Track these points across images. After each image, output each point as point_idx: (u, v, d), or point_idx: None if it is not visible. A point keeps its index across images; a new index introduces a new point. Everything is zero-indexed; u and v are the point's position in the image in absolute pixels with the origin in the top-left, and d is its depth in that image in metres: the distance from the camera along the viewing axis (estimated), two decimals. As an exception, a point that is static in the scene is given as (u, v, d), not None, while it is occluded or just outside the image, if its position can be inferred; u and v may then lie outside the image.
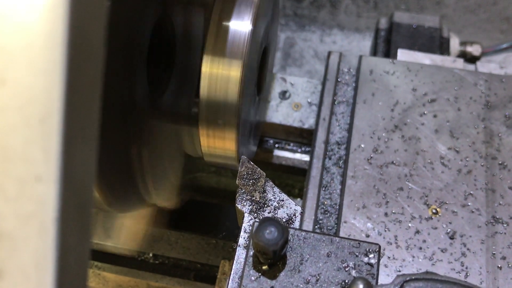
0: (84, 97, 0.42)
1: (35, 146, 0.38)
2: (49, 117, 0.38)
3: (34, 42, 0.38)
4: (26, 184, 0.39)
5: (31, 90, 0.38)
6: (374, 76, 1.02)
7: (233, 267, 0.65)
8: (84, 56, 0.41)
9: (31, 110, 0.38)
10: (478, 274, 0.81)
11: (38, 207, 0.39)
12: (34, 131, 0.38)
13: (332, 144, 1.00)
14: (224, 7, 0.88)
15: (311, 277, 0.63)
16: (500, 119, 0.97)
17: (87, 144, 0.43)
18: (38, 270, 0.39)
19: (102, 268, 1.17)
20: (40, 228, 0.39)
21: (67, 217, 0.40)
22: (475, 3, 1.56)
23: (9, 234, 0.39)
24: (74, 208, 0.41)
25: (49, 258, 0.39)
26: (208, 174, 1.49)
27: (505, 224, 0.86)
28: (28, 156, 0.39)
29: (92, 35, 0.42)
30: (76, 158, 0.41)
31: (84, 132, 0.42)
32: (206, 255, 1.23)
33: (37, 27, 0.38)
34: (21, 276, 0.39)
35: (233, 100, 0.86)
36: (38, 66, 0.38)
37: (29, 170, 0.39)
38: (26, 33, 0.38)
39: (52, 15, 0.38)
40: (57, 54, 0.38)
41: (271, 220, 0.58)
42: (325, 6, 1.67)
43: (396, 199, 0.88)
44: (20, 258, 0.39)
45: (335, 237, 0.65)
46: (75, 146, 0.41)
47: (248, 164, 0.69)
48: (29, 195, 0.39)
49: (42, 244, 0.39)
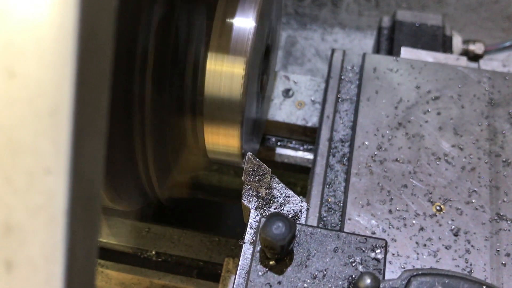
0: (93, 90, 0.42)
1: (45, 139, 0.38)
2: (59, 110, 0.38)
3: (44, 35, 0.38)
4: (36, 176, 0.39)
5: (41, 83, 0.38)
6: (378, 74, 1.03)
7: (240, 262, 0.65)
8: (94, 50, 0.41)
9: (41, 103, 0.38)
10: (482, 271, 0.82)
11: (47, 199, 0.39)
12: (44, 124, 0.38)
13: (336, 141, 1.00)
14: (228, 4, 0.88)
15: (318, 272, 0.63)
16: (504, 117, 0.97)
17: (95, 138, 0.43)
18: (47, 262, 0.39)
19: (105, 266, 1.17)
20: (49, 220, 0.39)
21: (76, 210, 0.40)
22: (477, 1, 1.56)
23: (18, 226, 0.39)
24: (82, 201, 0.41)
25: (58, 250, 0.39)
26: (210, 173, 1.49)
27: (509, 221, 0.86)
28: (38, 149, 0.39)
29: (101, 29, 0.42)
30: (85, 151, 0.41)
31: (93, 126, 0.42)
32: (209, 253, 1.23)
33: (47, 21, 0.38)
34: (30, 268, 0.39)
35: (237, 97, 0.87)
36: (48, 59, 0.38)
37: (39, 163, 0.39)
38: (36, 27, 0.38)
39: (62, 9, 0.38)
40: (67, 48, 0.38)
41: (278, 215, 0.58)
42: (326, 5, 1.67)
43: (400, 196, 0.88)
44: (30, 250, 0.39)
45: (342, 233, 0.65)
46: (84, 139, 0.41)
47: (254, 160, 0.69)
48: (39, 187, 0.39)
49: (51, 237, 0.39)
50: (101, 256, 1.18)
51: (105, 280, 1.17)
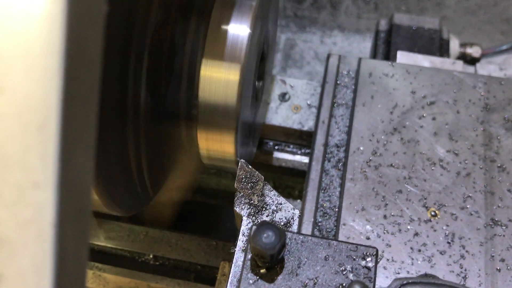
0: (81, 104, 0.42)
1: (33, 153, 0.39)
2: (47, 125, 0.39)
3: (32, 50, 0.38)
4: (24, 190, 0.39)
5: (29, 98, 0.38)
6: (373, 79, 1.03)
7: (232, 270, 0.66)
8: (82, 64, 0.41)
9: (29, 117, 0.39)
10: (477, 276, 0.82)
11: (36, 213, 0.39)
12: (32, 138, 0.39)
13: (331, 146, 1.00)
14: (223, 12, 0.88)
15: (309, 281, 0.63)
16: (499, 122, 0.97)
17: (84, 151, 0.44)
18: (36, 274, 0.39)
19: (102, 270, 1.18)
20: (38, 233, 0.39)
21: (65, 222, 0.40)
22: (476, 4, 1.56)
23: (8, 239, 0.39)
24: (71, 213, 0.42)
25: (47, 263, 0.39)
26: (208, 176, 1.49)
27: (504, 226, 0.86)
28: (26, 163, 0.39)
29: (89, 42, 0.42)
30: (73, 164, 0.41)
31: (81, 139, 0.43)
32: (207, 257, 1.23)
33: (34, 36, 0.38)
34: (19, 281, 0.40)
35: (232, 103, 0.87)
36: (36, 74, 0.38)
37: (27, 177, 0.39)
38: (23, 41, 0.38)
39: (49, 23, 0.38)
40: (55, 62, 0.38)
41: (268, 224, 0.58)
42: (325, 8, 1.67)
43: (395, 202, 0.88)
44: (19, 263, 0.40)
45: (333, 241, 0.65)
46: (73, 153, 0.41)
47: (247, 167, 0.70)
48: (27, 201, 0.39)
49: (40, 249, 0.39)
50: (99, 260, 1.18)
51: (102, 284, 1.17)
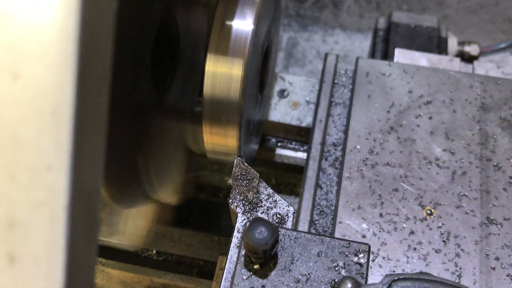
0: (93, 90, 0.43)
1: (47, 137, 0.40)
2: (60, 110, 0.40)
3: (47, 39, 0.39)
4: (38, 173, 0.40)
5: (43, 84, 0.40)
6: (371, 78, 1.04)
7: (226, 266, 0.67)
8: (94, 52, 0.42)
9: (43, 102, 0.40)
10: (471, 275, 0.82)
11: (49, 195, 0.40)
12: (46, 122, 0.40)
13: (328, 145, 1.01)
14: (227, 7, 0.90)
15: (302, 276, 0.65)
16: (495, 121, 0.98)
17: (96, 136, 0.44)
18: (48, 256, 0.40)
19: (106, 264, 1.20)
20: (50, 215, 0.40)
21: (77, 205, 0.41)
22: (477, 3, 1.56)
23: (21, 221, 0.40)
24: (83, 197, 0.43)
25: (59, 244, 0.40)
26: (211, 173, 1.51)
27: (499, 225, 0.87)
28: (40, 147, 0.40)
29: (102, 32, 0.43)
30: (85, 148, 0.42)
31: (93, 124, 0.44)
32: (209, 252, 1.25)
33: (49, 25, 0.39)
34: (32, 262, 0.41)
35: (235, 98, 0.88)
36: (50, 61, 0.39)
37: (41, 160, 0.40)
38: (39, 30, 0.39)
39: (64, 13, 0.39)
40: (69, 50, 0.39)
41: (261, 220, 0.59)
42: (327, 7, 1.68)
43: (391, 200, 0.90)
44: (32, 245, 0.40)
45: (326, 237, 0.67)
46: (85, 137, 0.42)
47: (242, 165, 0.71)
48: (41, 183, 0.40)
49: (52, 231, 0.40)
50: (102, 255, 1.20)
51: (106, 279, 1.19)
